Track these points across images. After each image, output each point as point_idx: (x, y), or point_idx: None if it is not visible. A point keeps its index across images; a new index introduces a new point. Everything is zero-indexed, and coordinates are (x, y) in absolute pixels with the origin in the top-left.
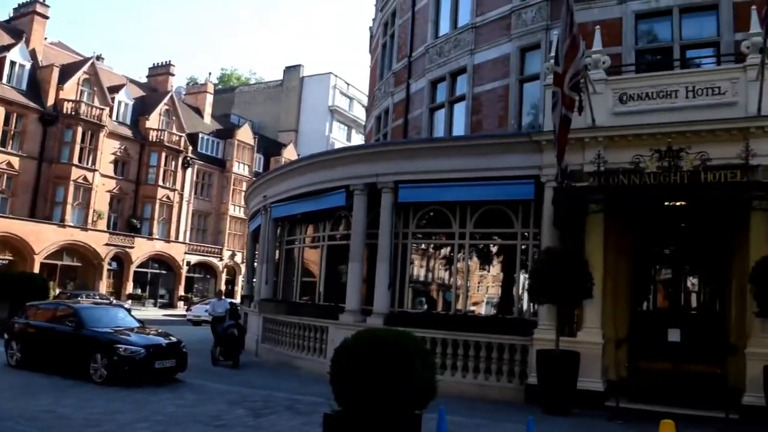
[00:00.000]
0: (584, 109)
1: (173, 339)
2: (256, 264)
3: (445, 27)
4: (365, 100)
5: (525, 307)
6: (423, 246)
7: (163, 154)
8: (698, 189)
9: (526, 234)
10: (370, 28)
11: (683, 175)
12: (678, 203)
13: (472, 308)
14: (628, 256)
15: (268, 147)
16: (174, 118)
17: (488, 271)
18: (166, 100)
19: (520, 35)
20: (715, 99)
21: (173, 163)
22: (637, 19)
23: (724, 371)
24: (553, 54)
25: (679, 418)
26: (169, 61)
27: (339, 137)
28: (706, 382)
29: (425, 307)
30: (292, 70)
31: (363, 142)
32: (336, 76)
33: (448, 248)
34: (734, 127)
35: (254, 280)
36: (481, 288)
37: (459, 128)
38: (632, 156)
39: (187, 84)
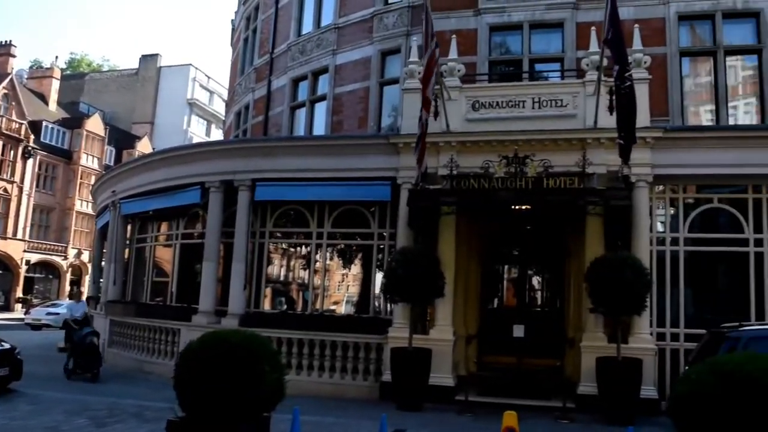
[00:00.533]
0: (440, 114)
1: (6, 345)
2: (103, 263)
3: (308, 25)
4: (226, 95)
5: (381, 306)
6: (282, 245)
7: (0, 143)
8: (541, 194)
9: (382, 234)
10: (232, 20)
11: (528, 180)
12: (524, 207)
13: (332, 308)
14: (478, 257)
15: (121, 139)
16: (14, 103)
17: (347, 271)
18: (5, 83)
19: (381, 39)
20: (558, 111)
21: (12, 152)
22: (491, 31)
23: (562, 364)
24: (412, 59)
25: (523, 409)
26: (10, 41)
27: (198, 132)
28: (547, 374)
29: (284, 307)
30: (149, 59)
31: (222, 138)
32: (196, 68)
33: (307, 248)
34: (574, 138)
35: (101, 280)
36: (341, 288)
37: (320, 128)
38: (482, 161)
39: (31, 67)
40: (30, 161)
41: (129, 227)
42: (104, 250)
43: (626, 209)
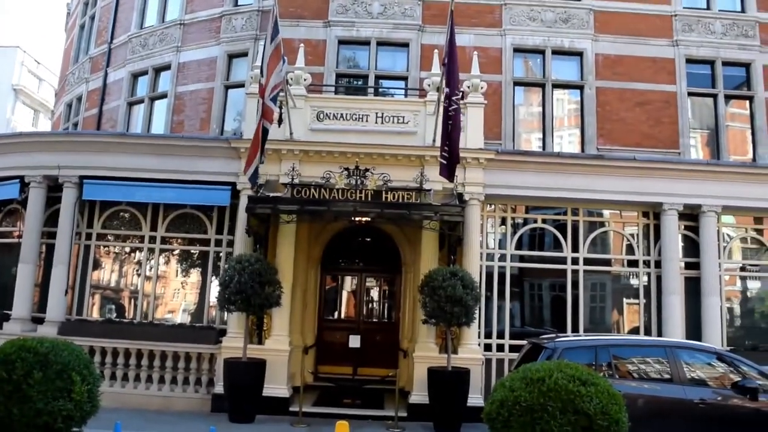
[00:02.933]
0: (284, 121)
1: None
2: None
3: (151, 18)
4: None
5: (217, 315)
6: (113, 249)
7: None
8: (380, 206)
9: (220, 241)
10: (68, 3)
11: (368, 193)
12: (363, 219)
13: (167, 316)
14: (318, 267)
15: None
16: None
17: (183, 278)
18: None
19: (229, 40)
20: (400, 127)
21: None
22: (339, 44)
23: (397, 374)
24: (258, 63)
25: (356, 419)
26: None
27: (23, 120)
28: (381, 384)
29: (114, 315)
30: None
31: (51, 130)
32: (24, 51)
33: (140, 252)
34: (413, 154)
35: None
36: (177, 295)
37: (159, 126)
38: (324, 171)
39: None
40: None
41: None
42: None
43: (459, 225)
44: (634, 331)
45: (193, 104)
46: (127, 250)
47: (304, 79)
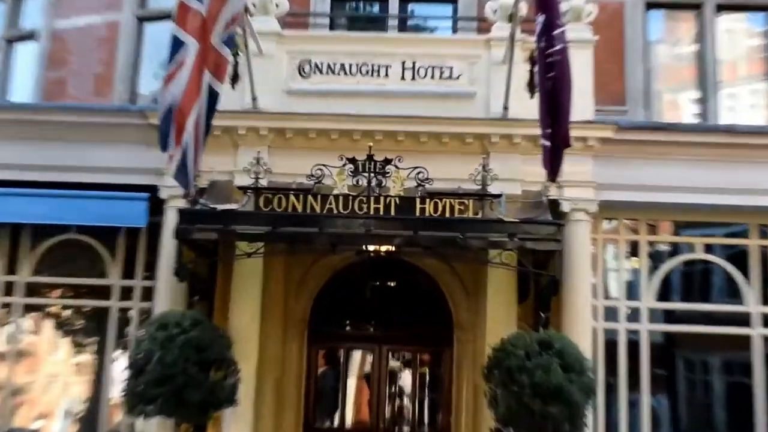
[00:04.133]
0: (241, 79)
1: None
2: None
3: None
4: None
5: (123, 423)
6: None
7: None
8: (412, 225)
9: (129, 290)
10: None
11: (390, 202)
12: (383, 249)
13: (37, 425)
14: (304, 334)
15: None
16: None
17: (64, 356)
18: None
19: None
20: (445, 85)
21: None
22: None
23: None
24: None
25: None
26: None
27: None
28: None
29: None
30: None
31: None
32: None
33: None
34: (469, 132)
35: None
36: (52, 387)
37: (24, 90)
38: (313, 165)
39: None
40: None
41: None
42: None
43: (553, 257)
44: None
45: (82, 51)
46: None
47: (276, 5)
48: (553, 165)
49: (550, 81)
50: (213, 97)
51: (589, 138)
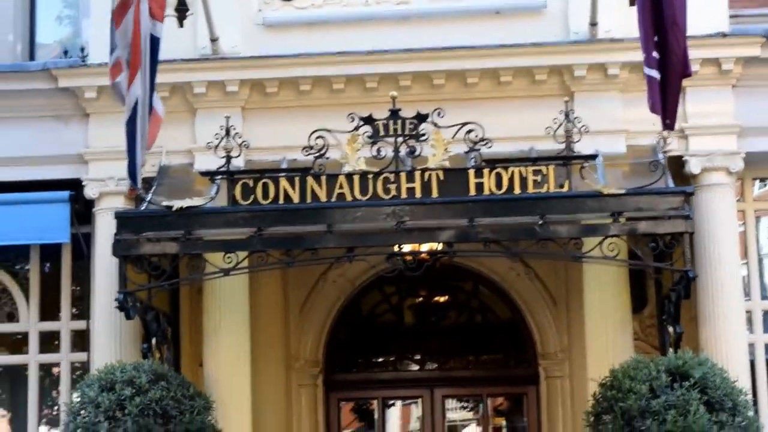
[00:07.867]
0: (191, 13)
1: None
2: None
3: None
4: None
5: None
6: None
7: None
8: (467, 211)
9: (52, 334)
10: None
11: (429, 177)
12: (424, 250)
13: None
14: (319, 380)
15: None
16: None
17: None
18: None
19: None
20: None
21: None
22: None
23: None
24: None
25: None
26: None
27: None
28: None
29: None
30: None
31: None
32: None
33: None
34: (541, 65)
35: None
36: None
37: None
38: (311, 132)
39: None
40: None
41: None
42: None
43: (680, 241)
44: None
45: None
46: None
47: None
48: (667, 105)
49: None
50: (155, 44)
51: (725, 59)
